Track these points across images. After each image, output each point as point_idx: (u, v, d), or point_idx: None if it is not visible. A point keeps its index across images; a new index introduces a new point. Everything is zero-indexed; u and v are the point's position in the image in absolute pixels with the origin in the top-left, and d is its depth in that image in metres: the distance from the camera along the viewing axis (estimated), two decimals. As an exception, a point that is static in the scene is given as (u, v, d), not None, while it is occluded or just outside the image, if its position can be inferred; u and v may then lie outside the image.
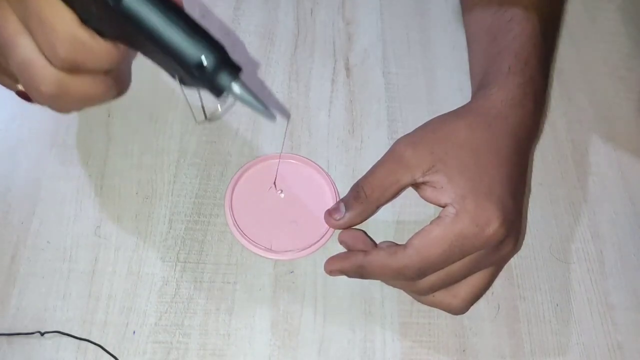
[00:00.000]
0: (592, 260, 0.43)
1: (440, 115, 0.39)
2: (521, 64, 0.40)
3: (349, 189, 0.38)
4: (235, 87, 0.28)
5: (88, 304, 0.37)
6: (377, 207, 0.38)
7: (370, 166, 0.37)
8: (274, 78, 0.48)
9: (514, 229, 0.36)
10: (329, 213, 0.39)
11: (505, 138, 0.37)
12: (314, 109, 0.47)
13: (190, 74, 0.27)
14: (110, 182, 0.42)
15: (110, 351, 0.36)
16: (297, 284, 0.39)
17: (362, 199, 0.37)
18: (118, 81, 0.33)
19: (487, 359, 0.38)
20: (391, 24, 0.52)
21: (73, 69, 0.30)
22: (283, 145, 0.44)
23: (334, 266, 0.38)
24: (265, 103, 0.29)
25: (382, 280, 0.39)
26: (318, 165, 0.44)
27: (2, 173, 0.42)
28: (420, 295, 0.37)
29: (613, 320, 0.40)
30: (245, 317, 0.38)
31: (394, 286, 0.39)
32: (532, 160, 0.46)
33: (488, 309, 0.40)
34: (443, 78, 0.50)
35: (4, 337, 0.36)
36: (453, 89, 0.49)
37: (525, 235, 0.43)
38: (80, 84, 0.30)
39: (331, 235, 0.41)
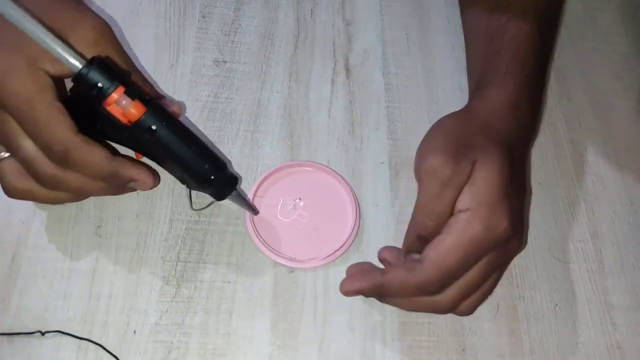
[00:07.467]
0: (591, 260, 0.43)
1: (448, 121, 0.38)
2: (518, 63, 0.40)
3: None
4: (234, 195, 0.38)
5: (89, 304, 0.37)
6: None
7: (370, 166, 0.37)
8: (274, 78, 0.48)
9: (518, 228, 0.36)
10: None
11: (506, 140, 0.37)
12: (314, 109, 0.47)
13: (201, 186, 0.36)
14: (110, 182, 0.42)
15: (111, 351, 0.36)
16: (297, 284, 0.40)
17: (433, 235, 0.35)
18: (113, 185, 0.37)
19: (486, 358, 0.38)
20: (391, 24, 0.52)
21: (68, 167, 0.34)
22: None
23: (352, 287, 0.37)
24: (252, 206, 0.40)
25: (400, 304, 0.37)
26: (336, 172, 0.43)
27: (3, 173, 0.42)
28: (444, 313, 0.37)
29: (612, 320, 0.41)
30: (246, 316, 0.38)
31: (412, 310, 0.37)
32: (531, 159, 0.46)
33: (488, 309, 0.40)
34: (442, 78, 0.50)
35: (4, 337, 0.36)
36: (452, 89, 0.49)
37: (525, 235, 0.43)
38: (76, 180, 0.35)
39: (352, 242, 0.41)
